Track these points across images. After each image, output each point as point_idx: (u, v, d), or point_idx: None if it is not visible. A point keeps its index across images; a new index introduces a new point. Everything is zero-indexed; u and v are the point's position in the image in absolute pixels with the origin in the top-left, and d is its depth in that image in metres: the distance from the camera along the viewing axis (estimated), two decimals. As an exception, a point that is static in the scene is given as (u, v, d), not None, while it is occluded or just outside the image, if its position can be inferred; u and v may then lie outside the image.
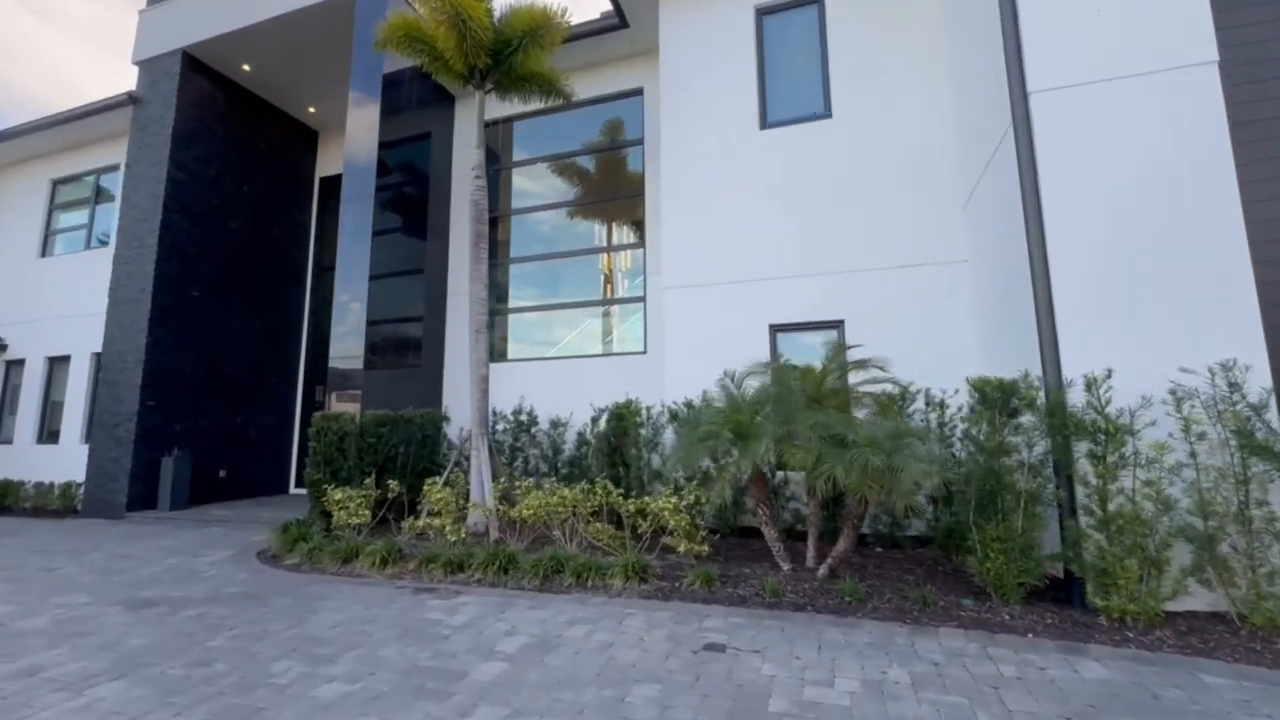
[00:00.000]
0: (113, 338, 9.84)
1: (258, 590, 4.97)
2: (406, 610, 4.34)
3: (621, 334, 9.39)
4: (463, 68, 7.16)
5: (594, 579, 4.80)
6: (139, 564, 6.04)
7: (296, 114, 12.20)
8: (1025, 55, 4.38)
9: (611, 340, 9.52)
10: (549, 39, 7.14)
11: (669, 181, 7.63)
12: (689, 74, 7.75)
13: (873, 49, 7.03)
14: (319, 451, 7.20)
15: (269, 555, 6.23)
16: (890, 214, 6.71)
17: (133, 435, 9.31)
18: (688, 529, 5.21)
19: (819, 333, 6.92)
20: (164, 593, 4.96)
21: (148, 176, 10.10)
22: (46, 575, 5.63)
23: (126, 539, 7.40)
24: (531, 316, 10.16)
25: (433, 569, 5.29)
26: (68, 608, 4.58)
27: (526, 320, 10.15)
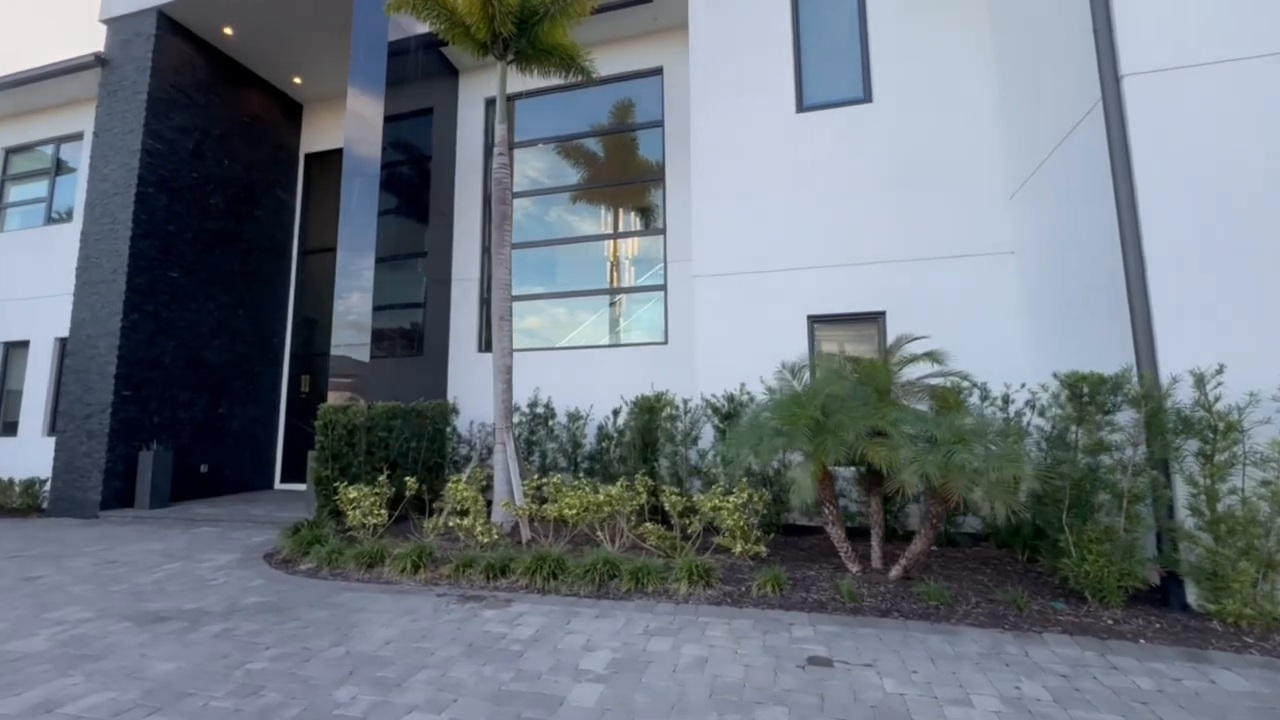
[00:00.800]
0: (82, 322, 9.03)
1: (282, 600, 4.52)
2: (460, 622, 3.97)
3: (636, 324, 9.05)
4: (486, 35, 6.67)
5: (653, 584, 4.51)
6: (133, 570, 5.48)
7: (280, 85, 11.42)
8: (1118, 38, 4.19)
9: (620, 330, 9.17)
10: (578, 8, 6.72)
11: (700, 165, 7.30)
12: (721, 54, 7.41)
13: (914, 33, 6.82)
14: (327, 446, 6.70)
15: (279, 559, 5.73)
16: (932, 203, 6.54)
17: (106, 427, 8.57)
18: (743, 529, 4.95)
19: (858, 325, 6.72)
20: (174, 604, 4.46)
21: (119, 146, 9.26)
22: (29, 585, 5.04)
23: (109, 541, 6.76)
24: (537, 305, 9.72)
25: (471, 574, 4.91)
26: (67, 624, 4.06)
27: (533, 309, 9.71)
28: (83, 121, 10.74)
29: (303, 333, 11.65)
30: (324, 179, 11.90)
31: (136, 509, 8.57)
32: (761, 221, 7.00)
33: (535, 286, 9.70)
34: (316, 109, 11.97)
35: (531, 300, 9.52)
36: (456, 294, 9.56)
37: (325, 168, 11.91)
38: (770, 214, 6.98)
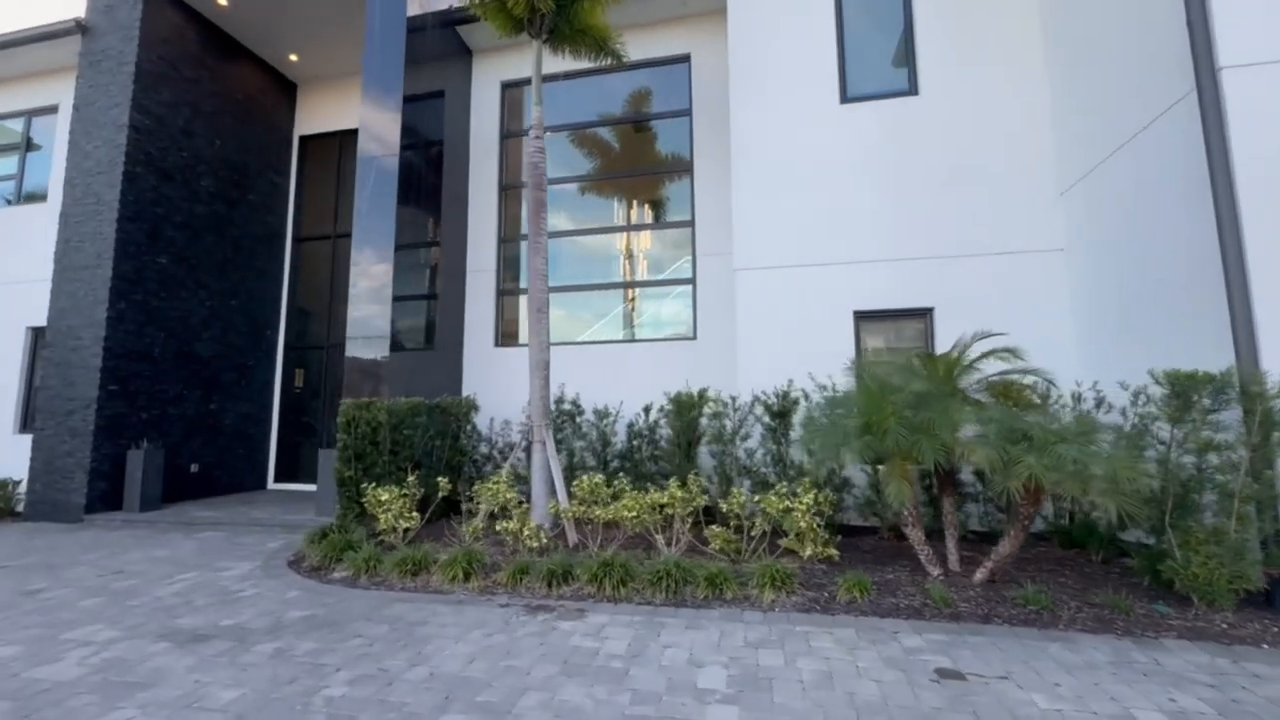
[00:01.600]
0: (62, 310, 8.34)
1: (330, 614, 4.14)
2: (539, 635, 3.67)
3: (660, 318, 8.79)
4: (525, 10, 6.32)
5: (731, 590, 4.28)
6: (146, 582, 5.00)
7: (274, 63, 10.79)
8: (1215, 31, 4.10)
9: (639, 325, 8.89)
10: (621, -13, 6.42)
11: (741, 156, 7.07)
12: (762, 42, 7.18)
13: (962, 27, 6.71)
14: (350, 445, 6.27)
15: (307, 566, 5.32)
16: (979, 199, 6.44)
17: (91, 425, 7.93)
18: (814, 531, 4.75)
19: (905, 321, 6.60)
20: (209, 620, 4.05)
21: (103, 121, 8.58)
22: (32, 601, 4.54)
23: (105, 548, 6.21)
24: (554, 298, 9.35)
25: (528, 581, 4.60)
26: (94, 646, 3.62)
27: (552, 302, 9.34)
28: (58, 93, 9.94)
29: (296, 324, 11.05)
30: (319, 163, 11.31)
31: (125, 512, 7.96)
32: (804, 214, 6.82)
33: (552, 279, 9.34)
34: (312, 89, 11.35)
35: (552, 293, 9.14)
36: (471, 286, 9.15)
37: (321, 151, 11.33)
38: (813, 207, 6.80)
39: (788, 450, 6.06)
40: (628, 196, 9.50)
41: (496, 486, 5.73)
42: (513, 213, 9.42)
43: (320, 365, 10.75)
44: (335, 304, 10.73)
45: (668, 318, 8.67)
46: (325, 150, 11.30)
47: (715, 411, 6.39)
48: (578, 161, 9.73)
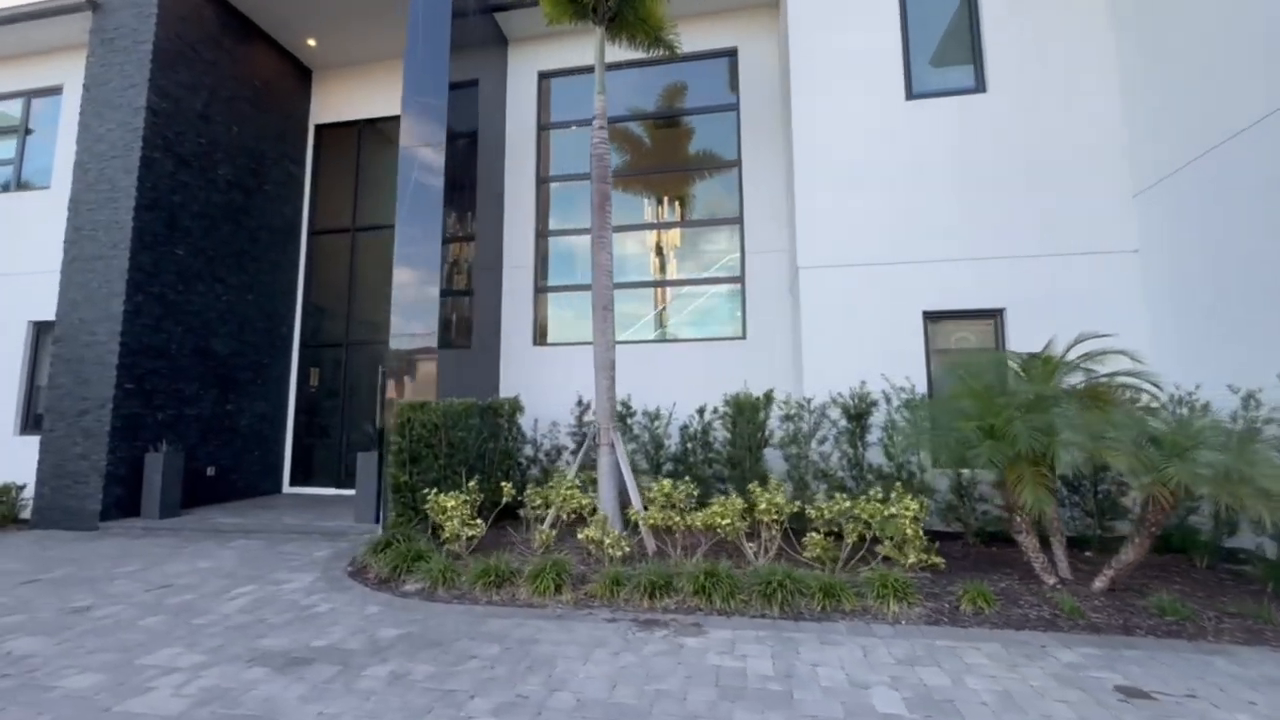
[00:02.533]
0: (73, 303, 7.82)
1: (427, 631, 3.84)
2: (671, 655, 3.43)
3: (706, 317, 8.57)
4: (567, 10, 6.09)
5: (849, 601, 4.08)
6: (202, 597, 4.62)
7: (291, 47, 10.32)
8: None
9: (678, 325, 8.67)
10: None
11: (804, 152, 6.89)
12: (823, 37, 7.00)
13: (1028, 25, 6.62)
14: (405, 448, 5.93)
15: (375, 578, 4.98)
16: (1050, 199, 6.36)
17: (107, 426, 7.44)
18: (919, 538, 4.59)
19: (975, 322, 6.49)
20: (296, 640, 3.72)
21: (118, 103, 8.07)
22: (84, 620, 4.15)
23: (138, 559, 5.79)
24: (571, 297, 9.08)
25: (624, 593, 4.35)
26: (182, 673, 3.28)
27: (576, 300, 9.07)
28: (61, 72, 9.37)
29: (311, 321, 10.59)
30: (336, 153, 10.87)
31: (144, 519, 7.49)
32: (870, 212, 6.66)
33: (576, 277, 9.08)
34: (328, 76, 10.90)
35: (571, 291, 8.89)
36: (509, 281, 8.83)
37: (338, 141, 10.88)
38: (879, 204, 6.66)
39: (864, 453, 5.90)
40: (665, 193, 9.26)
41: (570, 491, 5.47)
42: (549, 207, 9.12)
43: (338, 364, 10.31)
44: (355, 300, 10.33)
45: (712, 317, 8.45)
46: (343, 140, 10.85)
47: (787, 413, 6.20)
48: (614, 156, 9.47)
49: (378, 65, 10.53)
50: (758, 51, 8.42)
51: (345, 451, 9.97)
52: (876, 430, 5.90)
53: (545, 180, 9.12)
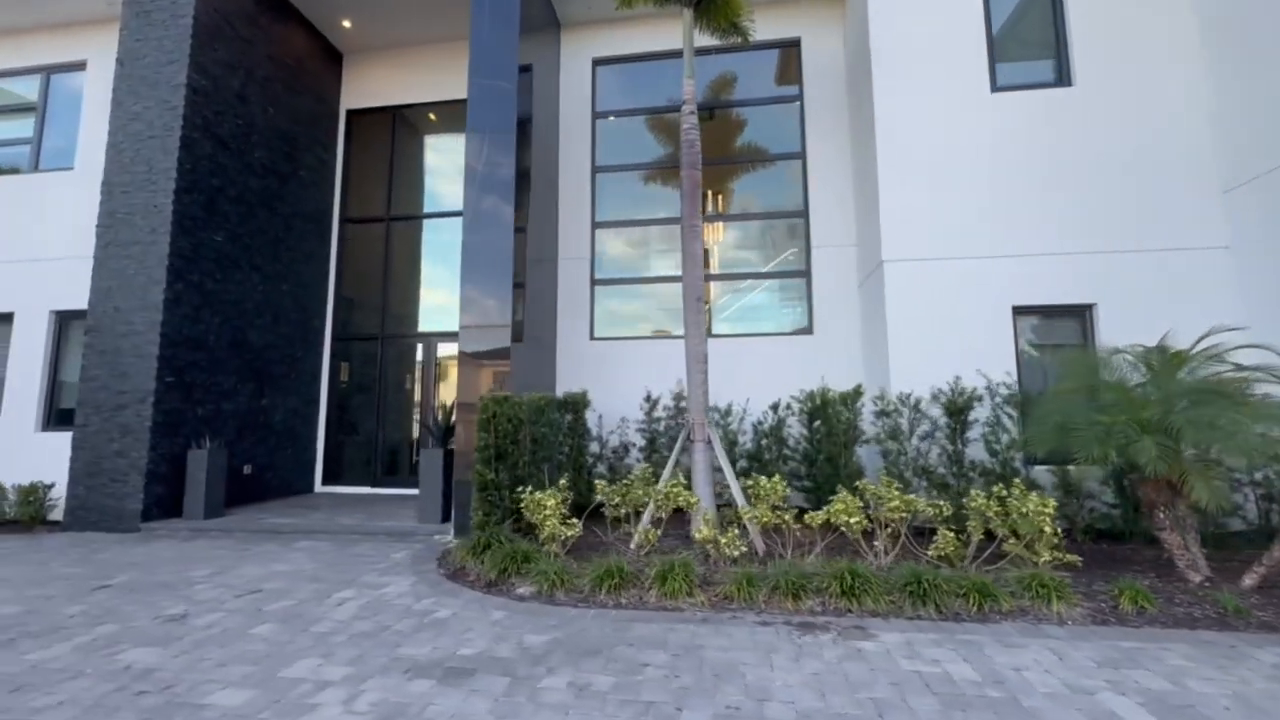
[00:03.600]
0: (107, 291, 7.35)
1: (574, 638, 3.60)
2: (859, 660, 3.24)
3: (761, 311, 8.41)
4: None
5: (1005, 601, 3.94)
6: (301, 602, 4.30)
7: (323, 28, 9.91)
8: None
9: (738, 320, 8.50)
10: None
11: (886, 143, 6.75)
12: (905, 27, 6.87)
13: (1114, 18, 6.58)
14: (491, 444, 5.65)
15: (482, 581, 4.70)
16: (1139, 194, 6.32)
17: (148, 421, 7.01)
18: (1057, 535, 4.47)
19: (1064, 317, 6.43)
20: (441, 649, 3.44)
21: (155, 80, 7.62)
22: (186, 629, 3.81)
23: (203, 562, 5.42)
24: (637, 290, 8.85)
25: (760, 594, 4.16)
26: (338, 687, 2.99)
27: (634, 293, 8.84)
28: (83, 47, 8.86)
29: (340, 314, 10.19)
30: (368, 140, 10.48)
31: (187, 519, 7.07)
32: (957, 205, 6.56)
33: (634, 270, 8.87)
34: (359, 60, 10.49)
35: (648, 283, 8.67)
36: (565, 273, 8.56)
37: (370, 127, 10.49)
38: (966, 198, 6.56)
39: (965, 449, 5.78)
40: (720, 185, 9.07)
41: (674, 489, 5.25)
42: (605, 197, 8.87)
43: (373, 358, 9.92)
44: (390, 291, 9.96)
45: (777, 311, 8.30)
46: (376, 126, 10.47)
47: (882, 409, 6.06)
48: (647, 145, 9.25)
49: (409, 50, 10.19)
50: (821, 41, 8.29)
51: (381, 449, 9.61)
52: (977, 426, 5.78)
53: (600, 169, 8.85)
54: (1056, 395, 4.96)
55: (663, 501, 5.31)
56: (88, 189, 8.38)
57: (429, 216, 10.07)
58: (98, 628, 3.83)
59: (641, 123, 9.17)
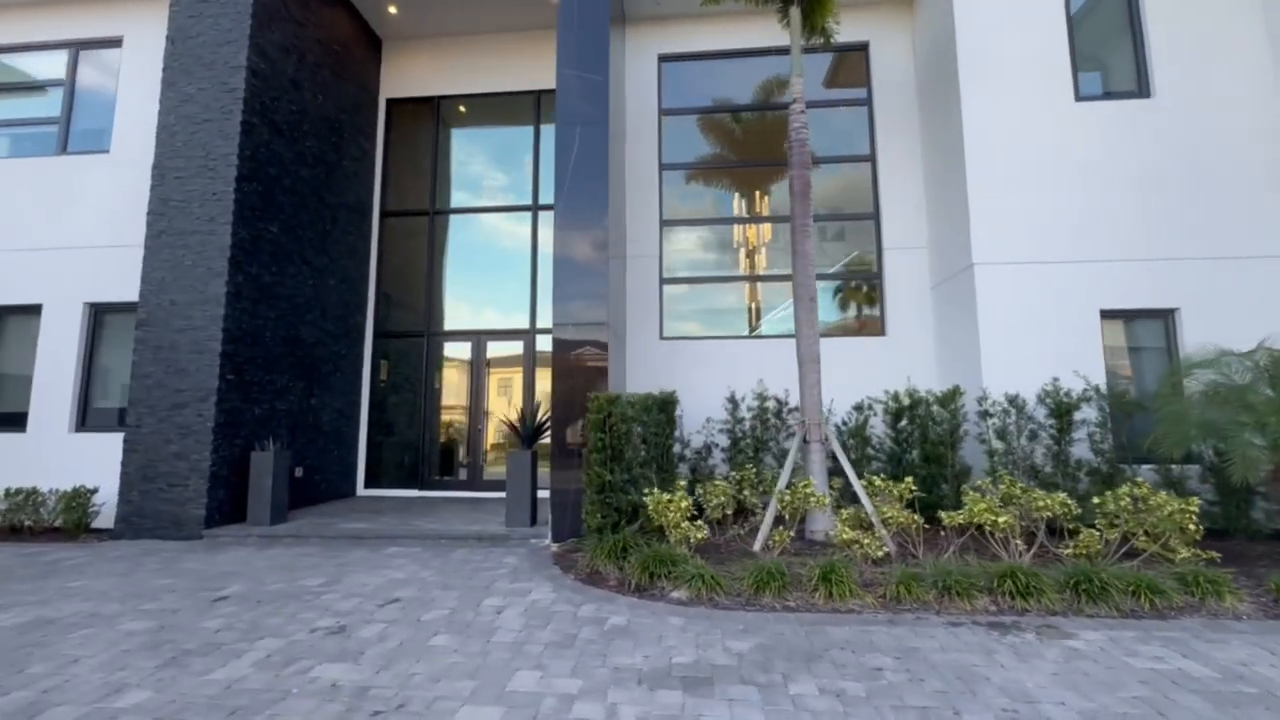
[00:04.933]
0: (160, 283, 6.91)
1: (776, 643, 3.50)
2: (1094, 660, 3.24)
3: (830, 312, 8.45)
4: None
5: (1176, 597, 4.01)
6: (455, 611, 4.08)
7: (368, 13, 9.55)
8: None
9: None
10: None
11: (975, 149, 6.85)
12: (991, 35, 6.98)
13: (1190, 32, 6.84)
14: (608, 445, 5.50)
15: (627, 585, 4.55)
16: (1219, 203, 6.57)
17: (211, 421, 6.62)
18: (1199, 531, 4.58)
19: (1148, 321, 6.63)
20: (649, 659, 3.30)
21: (211, 61, 7.21)
22: (358, 641, 3.57)
23: (310, 572, 5.11)
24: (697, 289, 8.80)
25: (929, 595, 4.14)
26: (587, 700, 2.82)
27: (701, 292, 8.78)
28: (119, 22, 8.30)
29: (380, 310, 9.82)
30: (408, 130, 10.15)
31: (252, 524, 6.69)
32: (1044, 211, 6.71)
33: (702, 269, 8.82)
34: (398, 48, 10.16)
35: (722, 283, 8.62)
36: (631, 273, 8.42)
37: (411, 118, 10.17)
38: (1052, 204, 6.71)
39: (1070, 449, 5.91)
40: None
41: (804, 489, 5.20)
42: (671, 195, 8.78)
43: (415, 356, 9.59)
44: (435, 287, 9.65)
45: (848, 312, 8.34)
46: (417, 117, 10.15)
47: (985, 410, 6.14)
48: (712, 146, 9.23)
49: (450, 40, 9.94)
50: (889, 45, 8.39)
51: (427, 451, 9.29)
52: (1082, 426, 5.92)
53: (667, 167, 8.76)
54: (1177, 397, 5.09)
55: (788, 502, 5.25)
56: (127, 173, 7.90)
57: (479, 211, 9.80)
58: (258, 643, 3.55)
59: (698, 121, 9.11)
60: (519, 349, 9.43)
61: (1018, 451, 5.99)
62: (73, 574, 5.13)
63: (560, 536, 6.09)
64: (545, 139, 9.71)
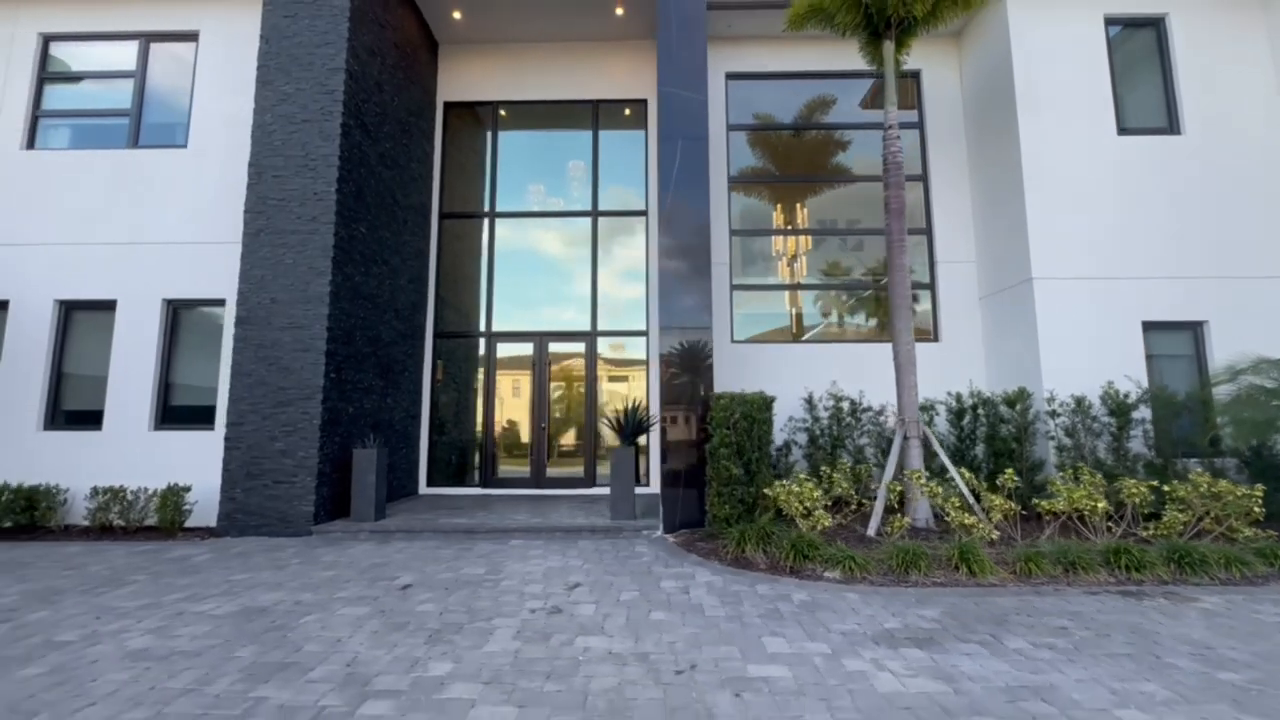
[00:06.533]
0: (260, 281, 6.94)
1: (961, 611, 4.00)
2: (1230, 619, 3.85)
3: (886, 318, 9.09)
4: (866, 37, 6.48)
5: (1248, 569, 4.71)
6: (644, 596, 4.43)
7: (430, 17, 9.66)
8: None
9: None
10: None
11: (1031, 173, 7.57)
12: (1045, 74, 7.73)
13: (1215, 73, 7.75)
14: (732, 441, 5.93)
15: (784, 568, 4.98)
16: (1239, 227, 7.46)
17: (317, 419, 6.72)
18: (1261, 516, 5.34)
19: (1181, 332, 7.47)
20: (869, 621, 3.75)
21: (309, 62, 7.29)
22: (584, 621, 3.89)
23: (455, 563, 5.33)
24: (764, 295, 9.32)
25: (1049, 569, 4.73)
26: (861, 659, 3.26)
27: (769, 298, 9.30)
28: (194, 16, 8.20)
29: (439, 310, 9.94)
30: (464, 133, 10.31)
31: (355, 520, 6.80)
32: (1093, 231, 7.48)
33: (768, 276, 9.35)
34: (454, 52, 10.30)
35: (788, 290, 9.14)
36: (717, 278, 8.81)
37: (466, 121, 10.33)
38: (1100, 224, 7.49)
39: (1128, 445, 6.66)
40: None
41: (931, 484, 5.74)
42: (738, 206, 9.27)
43: (474, 356, 9.76)
44: (496, 287, 9.85)
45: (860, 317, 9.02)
46: (473, 120, 10.33)
47: (1053, 410, 6.84)
48: (767, 161, 9.78)
49: (504, 46, 10.16)
50: (938, 74, 9.10)
51: (488, 450, 9.47)
52: (1138, 425, 6.69)
53: (734, 180, 9.24)
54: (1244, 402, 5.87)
55: (899, 492, 5.79)
56: (206, 168, 7.84)
57: (539, 215, 10.04)
58: (493, 621, 3.83)
59: (748, 137, 9.63)
60: (580, 349, 9.72)
61: (1084, 446, 6.70)
62: (218, 568, 5.20)
63: (671, 528, 6.47)
64: (604, 147, 10.06)
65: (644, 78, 10.02)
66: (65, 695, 2.86)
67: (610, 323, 9.66)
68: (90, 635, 3.62)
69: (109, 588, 4.63)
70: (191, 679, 3.01)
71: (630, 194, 9.99)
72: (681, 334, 6.87)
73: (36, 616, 3.98)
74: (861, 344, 8.72)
